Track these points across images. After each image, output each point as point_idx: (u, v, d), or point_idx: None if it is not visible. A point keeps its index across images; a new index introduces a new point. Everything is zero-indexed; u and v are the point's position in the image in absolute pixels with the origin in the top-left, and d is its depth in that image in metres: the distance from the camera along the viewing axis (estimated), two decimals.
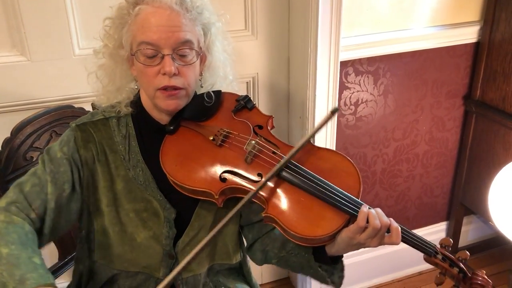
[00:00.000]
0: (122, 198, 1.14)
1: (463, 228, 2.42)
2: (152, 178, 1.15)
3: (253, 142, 1.13)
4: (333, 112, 1.16)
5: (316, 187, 1.06)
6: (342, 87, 1.91)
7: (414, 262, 2.35)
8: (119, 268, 1.19)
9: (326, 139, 1.92)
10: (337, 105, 1.88)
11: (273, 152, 1.12)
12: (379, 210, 1.04)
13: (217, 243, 1.23)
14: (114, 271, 1.20)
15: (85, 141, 1.13)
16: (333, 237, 1.05)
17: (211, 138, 1.14)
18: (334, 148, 1.97)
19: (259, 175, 1.10)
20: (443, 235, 2.41)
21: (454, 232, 2.38)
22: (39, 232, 1.06)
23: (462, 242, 2.48)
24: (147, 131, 1.18)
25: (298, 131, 1.96)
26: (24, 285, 0.88)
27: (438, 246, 1.12)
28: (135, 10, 1.06)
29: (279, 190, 1.08)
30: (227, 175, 1.10)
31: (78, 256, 1.23)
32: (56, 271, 1.45)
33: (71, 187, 1.11)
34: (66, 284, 1.30)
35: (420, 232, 2.32)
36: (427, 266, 1.13)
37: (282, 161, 1.08)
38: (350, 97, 1.95)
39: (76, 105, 1.48)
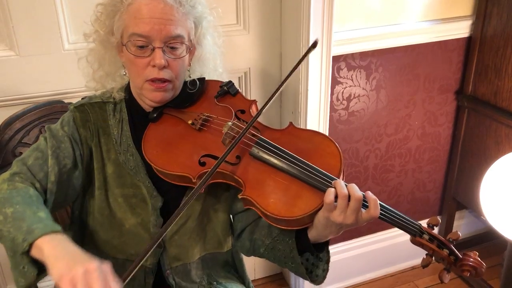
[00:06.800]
0: (111, 182, 1.15)
1: (456, 223, 2.43)
2: (142, 163, 1.15)
3: (230, 123, 1.12)
4: (313, 46, 1.14)
5: (292, 165, 1.04)
6: (335, 82, 1.91)
7: (407, 257, 2.36)
8: (106, 254, 1.18)
9: None
10: (329, 100, 1.88)
11: (253, 135, 1.10)
12: (353, 184, 1.02)
13: (207, 233, 1.23)
14: (102, 257, 1.19)
15: (84, 120, 1.15)
16: (312, 217, 1.01)
17: (190, 122, 1.15)
18: None
19: (238, 157, 1.08)
20: (435, 230, 2.41)
21: (446, 226, 2.39)
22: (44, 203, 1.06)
23: None
24: (138, 118, 1.19)
25: None
26: (33, 234, 0.89)
27: (425, 225, 1.09)
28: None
29: (255, 171, 1.06)
30: (206, 159, 1.10)
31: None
32: None
33: (73, 163, 1.12)
34: None
35: None
36: (420, 260, 1.10)
37: (256, 115, 1.07)
38: (342, 92, 1.95)
39: (65, 100, 1.46)
